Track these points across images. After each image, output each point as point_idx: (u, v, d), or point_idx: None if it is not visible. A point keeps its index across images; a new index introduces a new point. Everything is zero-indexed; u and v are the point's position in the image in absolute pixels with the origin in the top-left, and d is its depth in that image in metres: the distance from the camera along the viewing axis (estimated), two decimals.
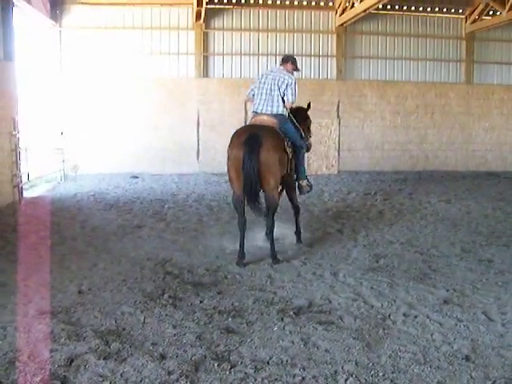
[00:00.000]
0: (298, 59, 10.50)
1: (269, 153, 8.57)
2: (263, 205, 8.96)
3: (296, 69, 9.95)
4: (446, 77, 24.47)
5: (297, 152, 9.58)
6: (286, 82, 9.36)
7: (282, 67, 9.73)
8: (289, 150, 9.16)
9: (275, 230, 9.09)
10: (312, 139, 11.02)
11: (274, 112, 9.33)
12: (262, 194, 8.84)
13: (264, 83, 9.48)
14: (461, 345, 5.66)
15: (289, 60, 9.84)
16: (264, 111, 9.39)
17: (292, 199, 10.15)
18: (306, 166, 10.03)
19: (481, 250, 9.77)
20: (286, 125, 9.42)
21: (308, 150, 10.56)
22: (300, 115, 10.26)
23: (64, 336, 5.68)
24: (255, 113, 9.55)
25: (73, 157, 20.63)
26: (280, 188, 9.55)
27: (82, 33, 21.12)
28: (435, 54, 24.24)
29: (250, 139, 8.58)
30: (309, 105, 10.65)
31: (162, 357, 5.31)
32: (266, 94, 9.41)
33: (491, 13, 23.19)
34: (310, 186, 10.05)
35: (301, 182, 9.86)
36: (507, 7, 20.73)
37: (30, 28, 19.48)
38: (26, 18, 18.42)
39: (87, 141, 20.99)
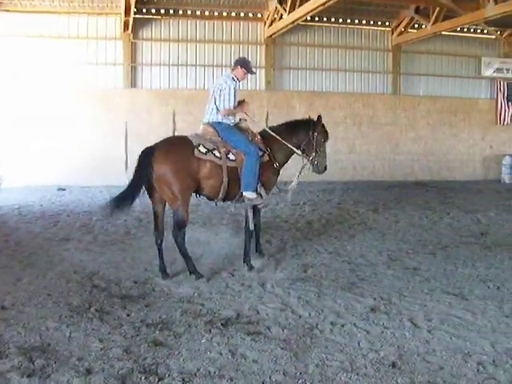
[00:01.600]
0: (227, 70, 10.24)
1: (159, 165, 8.46)
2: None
3: (249, 72, 9.51)
4: (373, 88, 24.97)
5: (244, 160, 8.92)
6: (220, 88, 9.11)
7: (230, 73, 9.44)
8: (222, 159, 8.79)
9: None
10: (324, 160, 9.83)
11: (210, 121, 9.16)
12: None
13: (210, 92, 9.39)
14: (387, 352, 5.73)
15: (237, 64, 9.45)
16: (204, 121, 9.30)
17: (246, 216, 9.40)
18: (255, 176, 8.91)
19: (407, 259, 9.95)
20: (226, 132, 9.03)
21: (320, 171, 9.84)
22: (292, 128, 9.69)
23: None
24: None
25: None
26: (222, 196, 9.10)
27: (5, 41, 20.71)
28: (363, 65, 24.71)
29: (143, 153, 8.67)
30: (318, 118, 9.77)
31: (88, 372, 5.21)
32: (208, 103, 9.32)
33: (416, 26, 23.81)
34: (262, 199, 9.12)
35: (245, 193, 8.95)
36: (431, 21, 21.31)
37: None
38: None
39: (11, 151, 20.49)
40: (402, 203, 17.04)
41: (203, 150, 8.73)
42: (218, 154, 8.80)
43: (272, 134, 9.51)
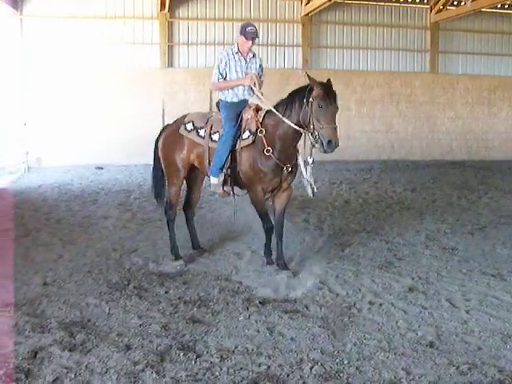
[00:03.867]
0: (264, 49, 9.54)
1: (157, 144, 8.72)
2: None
3: (247, 38, 7.94)
4: (411, 66, 24.63)
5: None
6: None
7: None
8: (204, 139, 8.09)
9: None
10: (326, 132, 7.24)
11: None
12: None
13: None
14: (425, 332, 5.73)
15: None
16: None
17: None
18: (219, 159, 7.82)
19: (445, 238, 9.88)
20: (221, 110, 8.14)
21: (325, 148, 7.24)
22: (288, 99, 7.72)
23: (28, 328, 5.65)
24: None
25: (36, 148, 20.39)
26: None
27: (44, 22, 20.81)
28: (400, 43, 24.38)
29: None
30: (308, 78, 7.47)
31: (128, 347, 5.31)
32: None
33: (456, 3, 23.39)
34: (217, 188, 7.99)
35: (210, 179, 8.06)
36: None
37: None
38: None
39: (51, 132, 20.74)
40: (439, 183, 16.90)
41: (189, 127, 8.26)
42: (201, 133, 8.17)
43: (272, 109, 7.70)
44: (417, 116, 24.50)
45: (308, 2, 22.05)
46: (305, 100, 7.36)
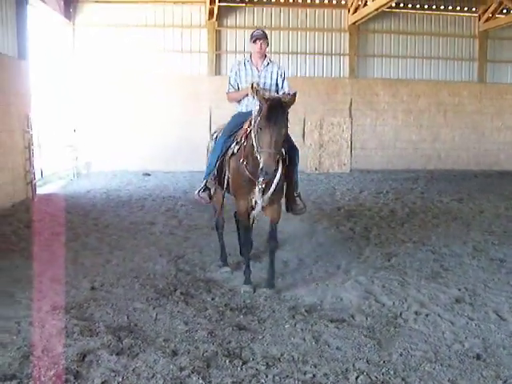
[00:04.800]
0: (310, 58, 9.66)
1: None
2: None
3: (252, 40, 7.86)
4: (458, 76, 24.40)
5: None
6: None
7: None
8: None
9: None
10: (260, 157, 6.66)
11: None
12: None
13: None
14: (472, 343, 5.67)
15: None
16: None
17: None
18: (207, 167, 8.15)
19: (493, 250, 9.75)
20: None
21: (264, 175, 6.71)
22: None
23: (77, 331, 5.73)
24: None
25: (85, 154, 20.73)
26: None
27: (95, 31, 21.24)
28: (448, 52, 24.17)
29: None
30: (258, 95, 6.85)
31: (174, 353, 5.35)
32: None
33: (505, 11, 23.05)
34: (198, 194, 8.13)
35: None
36: None
37: (44, 26, 19.55)
38: (40, 16, 18.48)
39: (100, 138, 21.10)
40: (487, 193, 16.69)
41: (214, 137, 8.49)
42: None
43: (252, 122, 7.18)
44: (464, 126, 24.27)
45: (355, 11, 22.02)
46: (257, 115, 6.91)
